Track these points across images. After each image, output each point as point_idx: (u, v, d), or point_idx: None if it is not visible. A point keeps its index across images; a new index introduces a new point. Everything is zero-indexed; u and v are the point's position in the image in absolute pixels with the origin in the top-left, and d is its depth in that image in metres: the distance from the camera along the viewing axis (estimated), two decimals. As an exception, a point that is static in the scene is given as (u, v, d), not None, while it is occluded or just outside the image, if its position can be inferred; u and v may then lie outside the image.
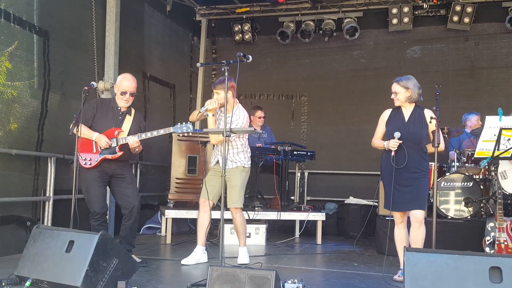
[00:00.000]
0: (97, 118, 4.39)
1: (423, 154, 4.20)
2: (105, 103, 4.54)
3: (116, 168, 4.41)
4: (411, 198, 4.14)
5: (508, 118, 3.79)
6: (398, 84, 4.25)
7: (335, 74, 8.45)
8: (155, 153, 7.43)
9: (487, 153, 3.88)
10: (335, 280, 4.19)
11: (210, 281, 3.13)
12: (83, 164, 4.30)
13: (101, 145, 4.28)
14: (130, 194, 4.45)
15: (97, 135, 4.29)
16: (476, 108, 6.89)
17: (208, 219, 4.80)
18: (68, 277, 3.25)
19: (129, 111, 4.51)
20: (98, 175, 4.34)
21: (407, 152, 4.13)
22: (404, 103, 4.28)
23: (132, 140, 4.28)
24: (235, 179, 4.70)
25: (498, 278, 2.75)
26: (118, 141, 4.32)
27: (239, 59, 3.97)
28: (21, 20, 4.98)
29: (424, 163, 4.21)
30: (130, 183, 4.49)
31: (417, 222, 4.16)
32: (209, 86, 9.02)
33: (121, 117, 4.45)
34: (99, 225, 4.32)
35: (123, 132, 4.38)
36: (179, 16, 8.32)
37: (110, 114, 4.43)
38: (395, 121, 4.30)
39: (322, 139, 8.26)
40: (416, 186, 4.16)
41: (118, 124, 4.41)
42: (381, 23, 8.09)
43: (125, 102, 4.44)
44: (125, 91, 4.41)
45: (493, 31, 7.69)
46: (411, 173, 4.15)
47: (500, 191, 4.76)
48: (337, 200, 7.70)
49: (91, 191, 4.32)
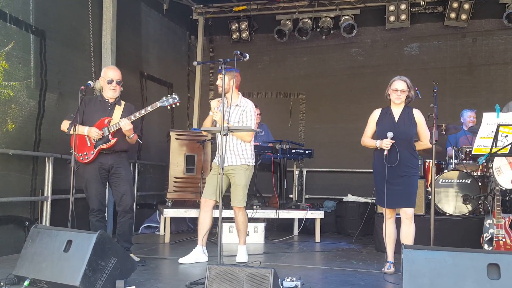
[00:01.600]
0: (86, 114, 4.40)
1: (413, 152, 4.32)
2: (92, 99, 4.59)
3: (113, 162, 4.42)
4: (402, 195, 4.25)
5: (505, 115, 3.79)
6: (405, 82, 4.33)
7: (332, 71, 8.45)
8: (153, 152, 7.43)
9: (484, 149, 3.88)
10: (333, 277, 4.20)
11: (208, 279, 3.13)
12: (80, 159, 4.33)
13: (94, 137, 4.30)
14: (124, 191, 4.46)
15: (87, 129, 4.32)
16: (474, 105, 6.91)
17: (210, 220, 4.78)
18: (67, 277, 3.25)
19: (118, 102, 4.52)
20: (97, 172, 4.37)
21: (399, 151, 4.22)
22: (399, 103, 4.35)
23: (123, 122, 4.29)
24: (240, 178, 4.65)
25: (496, 274, 2.75)
26: (110, 129, 4.33)
27: (236, 57, 3.97)
28: (18, 20, 4.97)
29: (414, 161, 4.33)
30: (125, 180, 4.50)
31: (408, 219, 4.27)
32: (206, 84, 9.03)
33: (110, 107, 4.47)
34: (98, 221, 4.38)
35: (114, 120, 4.38)
36: (176, 14, 8.31)
37: (98, 107, 4.46)
38: (386, 121, 4.38)
39: (320, 137, 8.26)
40: (407, 184, 4.26)
41: (108, 114, 4.43)
42: (378, 20, 8.09)
43: (112, 91, 4.45)
44: (111, 79, 4.44)
45: (490, 28, 7.69)
46: (402, 171, 4.25)
47: (498, 188, 4.77)
48: (336, 198, 7.72)
49: (90, 188, 4.37)
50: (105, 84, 4.46)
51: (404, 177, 4.24)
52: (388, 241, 4.45)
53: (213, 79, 9.02)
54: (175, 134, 6.41)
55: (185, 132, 6.69)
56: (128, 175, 4.56)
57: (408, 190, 4.26)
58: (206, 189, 4.72)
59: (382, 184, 4.26)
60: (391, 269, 4.32)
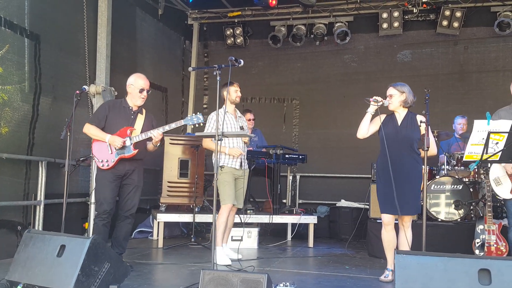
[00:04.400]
0: (109, 119, 4.40)
1: (417, 158, 4.27)
2: (116, 104, 4.55)
3: (129, 168, 4.42)
4: (405, 202, 4.18)
5: (496, 122, 3.83)
6: (394, 88, 4.38)
7: (326, 77, 8.50)
8: (147, 156, 7.40)
9: (475, 156, 3.92)
10: (326, 283, 4.21)
11: (202, 284, 3.14)
12: (100, 166, 4.35)
13: (116, 146, 4.27)
14: (132, 197, 4.48)
15: (110, 137, 4.30)
16: (465, 111, 6.97)
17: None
18: (60, 282, 3.23)
19: (140, 110, 4.52)
20: (112, 177, 4.36)
21: (401, 156, 4.22)
22: (398, 108, 4.38)
23: (155, 133, 4.31)
24: (246, 181, 5.18)
25: (487, 280, 2.78)
26: (132, 140, 4.33)
27: (230, 63, 3.99)
28: (12, 23, 4.96)
29: (418, 168, 4.25)
30: (136, 186, 4.50)
31: (407, 225, 4.28)
32: (201, 89, 9.05)
33: (133, 116, 4.46)
34: (104, 226, 4.36)
35: (136, 131, 4.39)
36: (171, 20, 8.33)
37: (122, 114, 4.44)
38: (389, 125, 4.38)
39: (313, 142, 8.31)
40: (412, 190, 4.23)
41: (131, 123, 4.42)
42: (372, 27, 8.17)
43: (141, 100, 4.45)
44: (143, 88, 4.43)
45: (482, 36, 7.79)
46: (406, 177, 4.21)
47: (490, 194, 4.81)
48: (329, 203, 7.75)
49: (103, 191, 4.36)
50: (135, 92, 4.42)
51: (408, 183, 4.20)
52: (388, 248, 4.37)
53: (207, 84, 9.04)
54: (169, 138, 6.41)
55: (179, 137, 6.70)
56: (140, 181, 4.54)
57: (410, 196, 4.21)
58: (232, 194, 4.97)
59: (389, 191, 4.13)
60: (389, 278, 4.25)
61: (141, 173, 4.58)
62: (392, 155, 4.18)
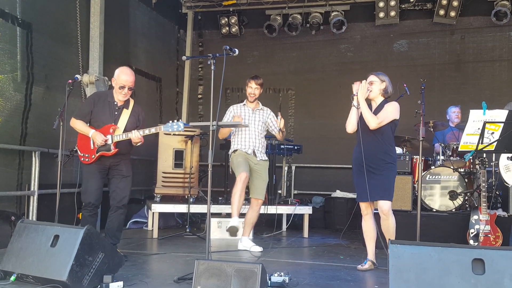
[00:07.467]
0: (94, 114, 4.35)
1: (388, 145, 4.29)
2: (102, 97, 4.46)
3: (113, 161, 4.40)
4: (376, 189, 4.21)
5: (491, 112, 3.83)
6: (375, 75, 4.40)
7: (322, 67, 8.46)
8: (141, 146, 7.27)
9: (471, 146, 3.92)
10: (321, 272, 4.22)
11: (196, 274, 3.13)
12: (82, 159, 4.34)
13: (97, 143, 4.23)
14: (122, 187, 4.44)
15: (93, 133, 4.25)
16: (462, 101, 6.97)
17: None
18: (54, 272, 3.23)
19: (126, 105, 4.44)
20: (96, 168, 4.34)
21: (373, 144, 4.25)
22: (377, 96, 4.38)
23: (134, 135, 4.27)
24: (266, 173, 5.37)
25: (481, 269, 2.79)
26: (113, 138, 4.27)
27: (225, 52, 3.95)
28: (4, 12, 4.89)
29: (390, 154, 4.28)
30: (125, 177, 4.46)
31: (384, 213, 4.25)
32: (195, 79, 8.99)
33: (117, 112, 4.38)
34: (91, 216, 4.35)
35: (118, 129, 4.32)
36: (165, 8, 8.24)
37: (106, 110, 4.36)
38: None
39: (309, 132, 8.28)
40: (383, 177, 4.24)
41: (114, 120, 4.35)
42: (368, 16, 8.11)
43: (123, 96, 4.38)
44: (123, 86, 4.33)
45: (479, 25, 7.75)
46: (375, 164, 4.24)
47: (485, 184, 4.83)
48: (324, 193, 7.74)
49: (89, 183, 4.34)
50: (116, 88, 4.36)
51: (377, 170, 4.22)
52: (366, 238, 4.44)
53: (202, 73, 8.98)
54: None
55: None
56: (128, 171, 4.50)
57: (383, 183, 4.21)
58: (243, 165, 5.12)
59: (358, 177, 4.31)
60: (365, 266, 4.30)
61: (128, 163, 4.54)
62: (365, 143, 4.23)
